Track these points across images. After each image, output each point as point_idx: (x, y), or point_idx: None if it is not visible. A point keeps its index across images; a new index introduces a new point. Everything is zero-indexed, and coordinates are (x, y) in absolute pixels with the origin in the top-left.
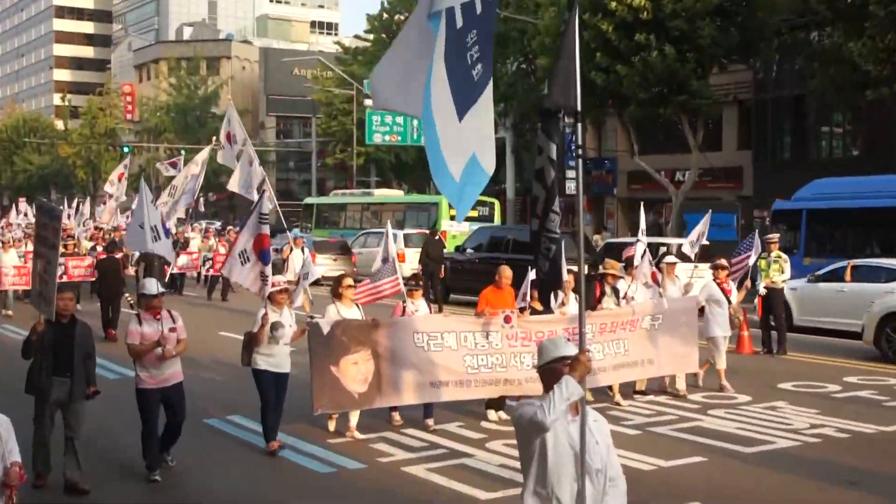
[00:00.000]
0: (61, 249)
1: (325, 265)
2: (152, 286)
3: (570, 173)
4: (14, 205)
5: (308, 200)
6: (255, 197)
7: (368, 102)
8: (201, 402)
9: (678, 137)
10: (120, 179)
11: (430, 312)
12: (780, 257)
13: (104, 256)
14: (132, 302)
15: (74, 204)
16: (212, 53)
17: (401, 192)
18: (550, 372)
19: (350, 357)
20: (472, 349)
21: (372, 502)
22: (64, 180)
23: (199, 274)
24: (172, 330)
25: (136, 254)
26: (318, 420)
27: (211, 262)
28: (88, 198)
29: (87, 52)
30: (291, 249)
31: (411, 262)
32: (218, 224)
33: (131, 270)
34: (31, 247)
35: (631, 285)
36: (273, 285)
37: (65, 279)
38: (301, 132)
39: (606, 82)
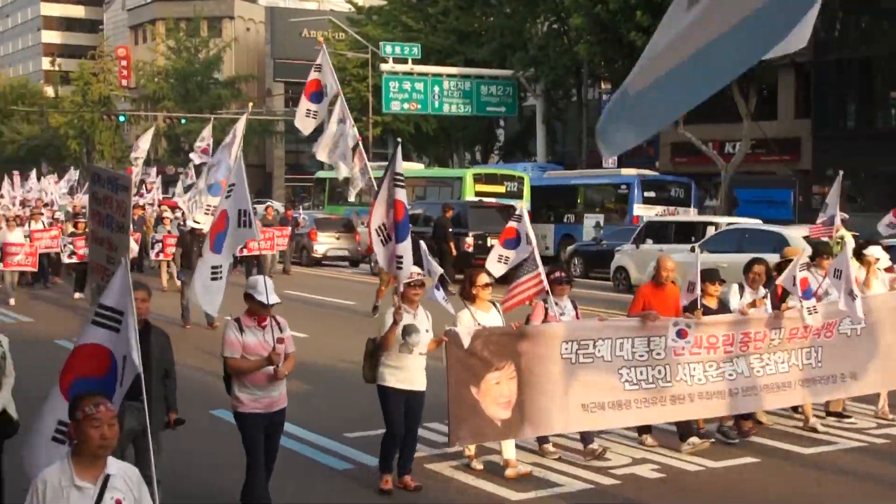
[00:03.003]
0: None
1: (327, 244)
2: (262, 291)
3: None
4: (9, 178)
5: (319, 174)
6: (351, 164)
7: (385, 67)
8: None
9: (728, 105)
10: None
11: (578, 316)
12: None
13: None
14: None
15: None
16: (213, 13)
17: (421, 166)
18: None
19: (492, 375)
20: (629, 360)
21: (392, 501)
22: (55, 152)
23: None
24: (280, 341)
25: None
26: (335, 412)
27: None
28: (80, 170)
29: (78, 11)
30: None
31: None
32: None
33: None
34: (35, 225)
35: (823, 280)
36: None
37: (75, 259)
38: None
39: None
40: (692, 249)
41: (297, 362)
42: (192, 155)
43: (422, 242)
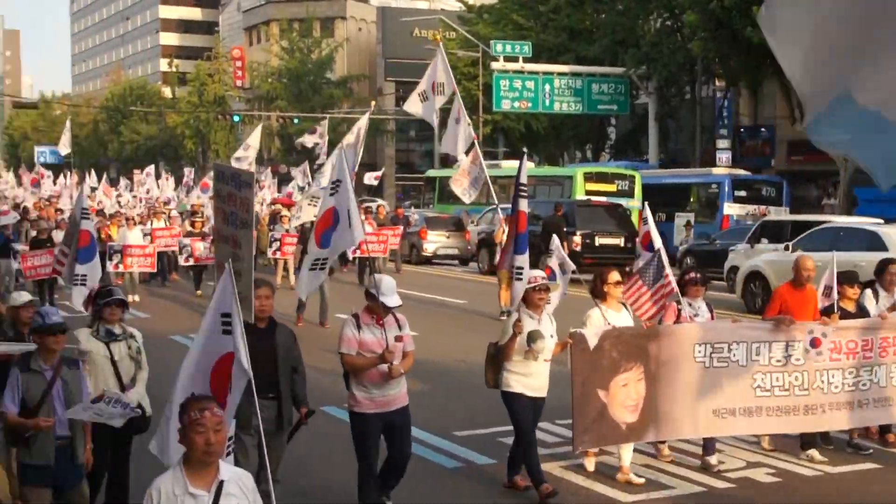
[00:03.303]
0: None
1: (437, 242)
2: (384, 291)
3: (722, 143)
4: (127, 177)
5: (430, 173)
6: (462, 158)
7: (495, 65)
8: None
9: None
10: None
11: (713, 318)
12: None
13: None
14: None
15: (190, 174)
16: (326, 14)
17: (531, 165)
18: None
19: (620, 377)
20: (765, 365)
21: (501, 499)
22: (172, 151)
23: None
24: (399, 339)
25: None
26: (445, 410)
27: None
28: (195, 168)
29: (195, 13)
30: (504, 231)
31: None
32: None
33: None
34: (157, 223)
35: None
36: (530, 281)
37: (191, 262)
38: None
39: (764, 40)
40: (786, 248)
41: None
42: (304, 139)
43: (555, 237)
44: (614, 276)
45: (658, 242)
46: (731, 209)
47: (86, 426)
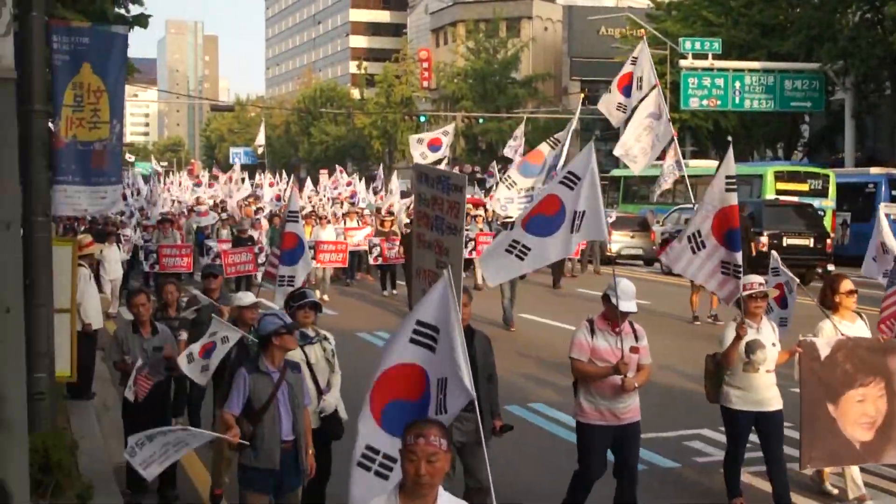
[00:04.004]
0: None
1: (621, 242)
2: (621, 295)
3: None
4: (316, 179)
5: (615, 172)
6: (652, 158)
7: (684, 63)
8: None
9: None
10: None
11: None
12: None
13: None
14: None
15: (379, 175)
16: (512, 14)
17: (715, 163)
18: None
19: (855, 392)
20: None
21: (681, 499)
22: (360, 152)
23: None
24: (634, 350)
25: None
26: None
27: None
28: (381, 168)
29: (384, 16)
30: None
31: None
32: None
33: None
34: (350, 223)
35: None
36: (745, 288)
37: (380, 261)
38: None
39: None
40: None
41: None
42: (506, 150)
43: (774, 255)
44: (847, 284)
45: (891, 243)
46: (886, 209)
47: (308, 430)
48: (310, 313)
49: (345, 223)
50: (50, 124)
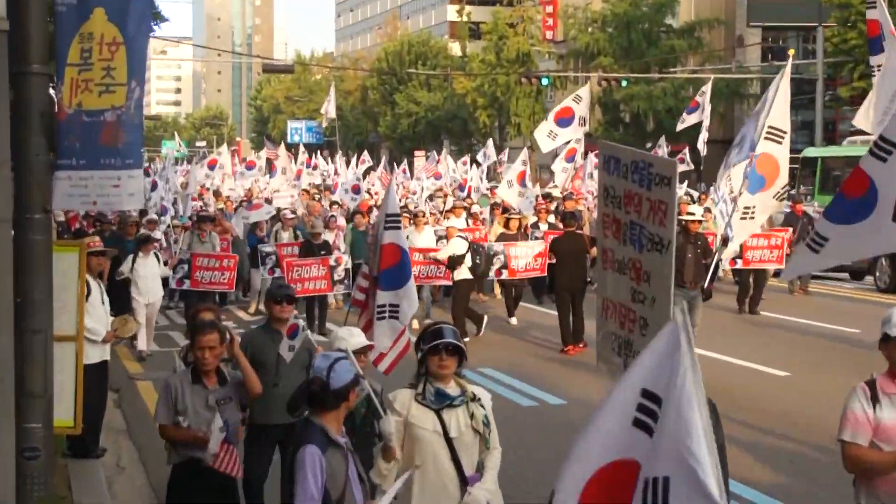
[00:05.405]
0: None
1: None
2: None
3: None
4: (401, 162)
5: (808, 152)
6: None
7: None
8: None
9: None
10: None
11: None
12: None
13: (563, 234)
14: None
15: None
16: None
17: None
18: None
19: None
20: None
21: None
22: (461, 125)
23: None
24: None
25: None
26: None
27: None
28: (492, 149)
29: None
30: None
31: None
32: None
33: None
34: (455, 221)
35: None
36: None
37: (504, 275)
38: (800, 50)
39: None
40: None
41: (776, 409)
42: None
43: None
44: None
45: None
46: None
47: None
48: (448, 360)
49: (447, 220)
50: (52, 91)
